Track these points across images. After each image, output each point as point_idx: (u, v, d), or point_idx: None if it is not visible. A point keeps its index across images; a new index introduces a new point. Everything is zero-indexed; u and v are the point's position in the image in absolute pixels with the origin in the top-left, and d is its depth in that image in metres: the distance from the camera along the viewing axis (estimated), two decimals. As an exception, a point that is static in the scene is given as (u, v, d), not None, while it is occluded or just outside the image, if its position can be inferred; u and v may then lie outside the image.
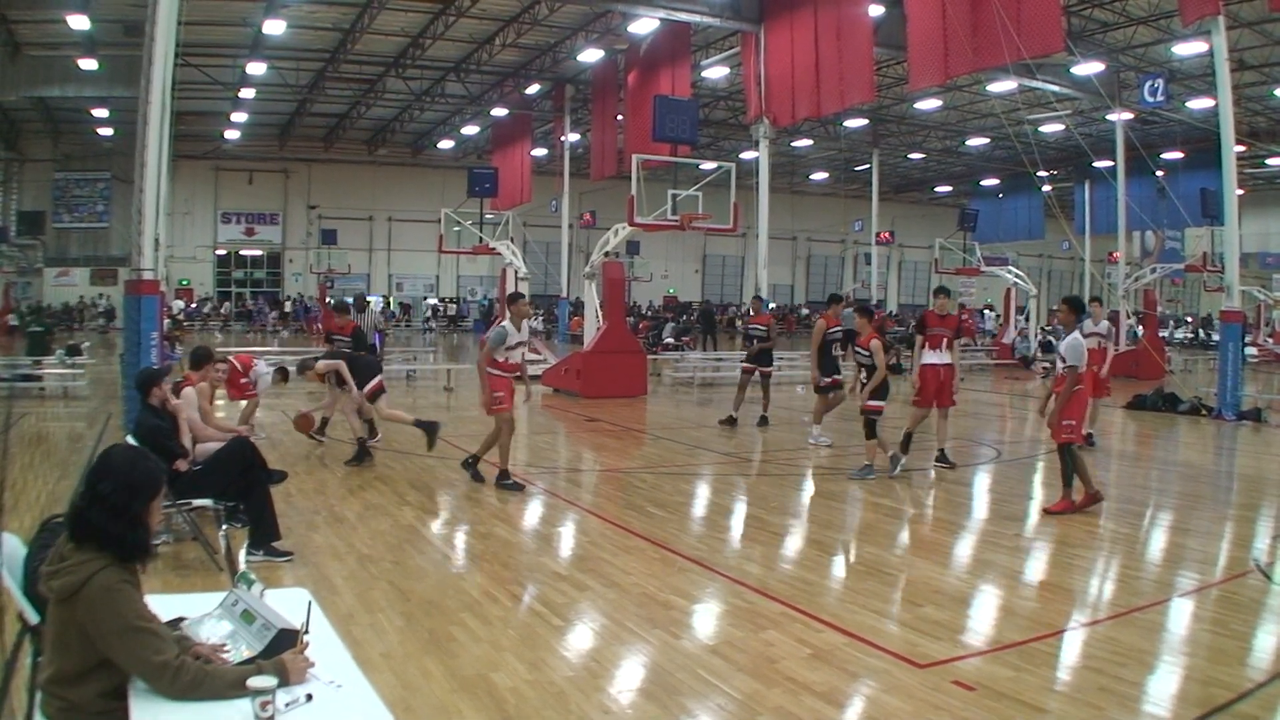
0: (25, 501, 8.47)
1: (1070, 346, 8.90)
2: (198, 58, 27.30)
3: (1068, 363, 8.88)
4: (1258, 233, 44.23)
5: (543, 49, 31.29)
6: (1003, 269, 30.75)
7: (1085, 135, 31.99)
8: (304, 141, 44.65)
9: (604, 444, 13.77)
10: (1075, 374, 8.76)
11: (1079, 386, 8.85)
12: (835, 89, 22.94)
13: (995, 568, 7.32)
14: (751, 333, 15.32)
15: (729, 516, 9.31)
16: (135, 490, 3.04)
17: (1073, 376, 8.76)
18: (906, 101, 35.37)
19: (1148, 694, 4.87)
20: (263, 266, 48.46)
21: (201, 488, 6.81)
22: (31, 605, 3.33)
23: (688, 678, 4.95)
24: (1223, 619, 6.03)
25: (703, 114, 33.61)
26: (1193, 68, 27.94)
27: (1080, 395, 8.93)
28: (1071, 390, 8.77)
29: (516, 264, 22.65)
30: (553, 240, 39.31)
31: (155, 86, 11.60)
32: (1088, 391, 9.22)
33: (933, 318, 11.37)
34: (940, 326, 11.23)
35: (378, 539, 7.63)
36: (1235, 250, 18.02)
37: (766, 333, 15.01)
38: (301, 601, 3.30)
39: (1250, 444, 14.71)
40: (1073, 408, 8.84)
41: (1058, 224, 39.35)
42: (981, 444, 13.97)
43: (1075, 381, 8.77)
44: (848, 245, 55.33)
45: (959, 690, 4.80)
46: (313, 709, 2.77)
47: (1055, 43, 17.95)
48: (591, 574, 6.84)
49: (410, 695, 4.64)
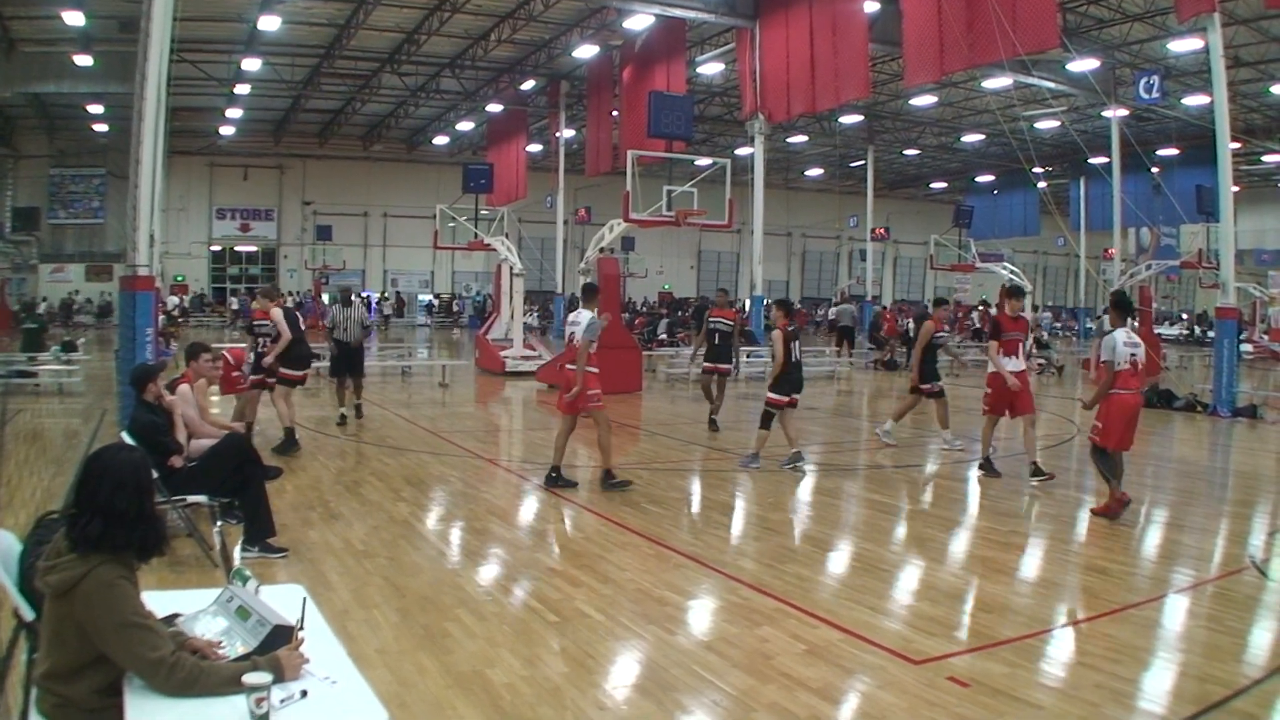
0: (20, 498, 8.46)
1: (1106, 344, 8.66)
2: (193, 53, 27.25)
3: (1102, 359, 8.71)
4: (1253, 229, 44.27)
5: (538, 45, 31.23)
6: (998, 265, 30.72)
7: (1081, 132, 32.02)
8: (299, 137, 44.57)
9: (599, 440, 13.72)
10: (1110, 370, 8.51)
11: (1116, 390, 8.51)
12: (830, 85, 22.97)
13: (990, 564, 7.33)
14: (715, 327, 14.08)
15: (724, 512, 9.31)
16: (144, 490, 3.07)
17: (1108, 376, 8.52)
18: (902, 98, 35.36)
19: (1143, 690, 4.88)
20: (258, 262, 48.35)
21: (197, 484, 6.81)
22: (27, 601, 3.32)
23: (683, 674, 4.95)
24: (1218, 615, 6.05)
25: (698, 110, 33.57)
26: (1188, 64, 27.92)
27: (1118, 400, 8.54)
28: (1106, 390, 8.53)
29: (512, 260, 22.63)
30: (548, 236, 39.24)
31: (150, 82, 11.56)
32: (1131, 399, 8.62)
33: (1006, 321, 10.62)
34: (1015, 330, 10.56)
35: (373, 535, 7.63)
36: (1230, 247, 18.05)
37: (731, 328, 14.11)
38: (296, 598, 3.30)
39: (1245, 441, 14.74)
40: (1106, 410, 8.56)
41: (1053, 220, 39.40)
42: (976, 439, 13.97)
43: (1110, 381, 8.50)
44: (843, 241, 55.33)
45: (954, 686, 4.81)
46: (308, 705, 2.77)
47: (1051, 39, 17.98)
48: (586, 570, 6.84)
49: (405, 691, 4.63)
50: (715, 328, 13.96)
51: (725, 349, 13.90)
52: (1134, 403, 8.65)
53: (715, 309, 14.71)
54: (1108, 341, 8.66)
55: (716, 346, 13.80)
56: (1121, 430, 8.57)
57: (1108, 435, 8.58)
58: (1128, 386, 8.56)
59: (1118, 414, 8.53)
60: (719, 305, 14.82)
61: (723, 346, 13.86)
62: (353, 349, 13.56)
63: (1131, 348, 8.56)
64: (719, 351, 13.79)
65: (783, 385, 10.77)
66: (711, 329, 13.95)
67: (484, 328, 25.35)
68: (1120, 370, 8.52)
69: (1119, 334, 8.68)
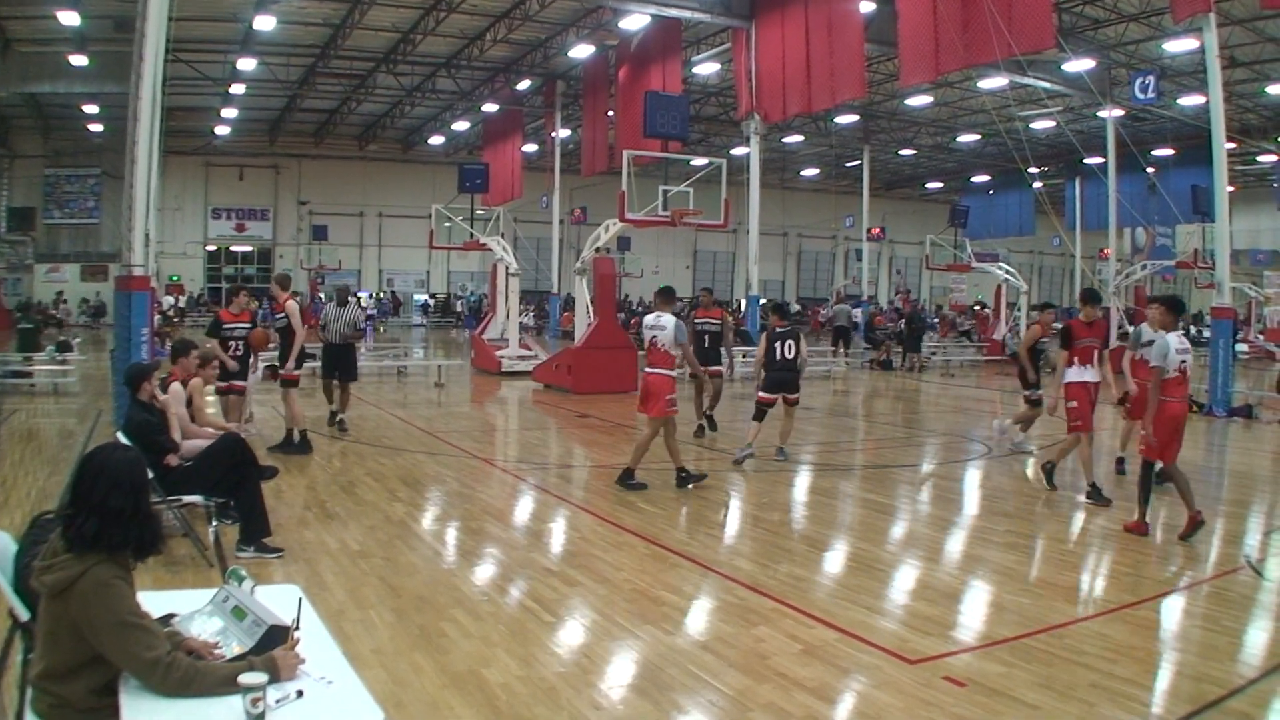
0: (16, 498, 8.45)
1: (1157, 349, 8.06)
2: (188, 53, 27.16)
3: (1151, 363, 8.15)
4: (1248, 229, 44.37)
5: (534, 45, 31.22)
6: (993, 265, 30.77)
7: (1076, 132, 32.00)
8: (294, 137, 44.49)
9: (595, 439, 13.76)
10: (1158, 377, 7.97)
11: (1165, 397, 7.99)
12: (826, 85, 22.98)
13: (986, 564, 7.34)
14: (702, 328, 13.53)
15: (720, 512, 9.29)
16: (139, 489, 3.06)
17: (1156, 382, 7.97)
18: (897, 98, 35.37)
19: (1139, 690, 4.88)
20: (253, 262, 48.27)
21: (192, 484, 6.79)
22: (22, 601, 3.31)
23: (679, 673, 4.95)
24: (1214, 615, 6.06)
25: (694, 110, 33.60)
26: (1184, 65, 27.96)
27: (1168, 410, 8.00)
28: (1156, 400, 7.97)
29: (507, 260, 22.62)
30: (544, 236, 39.21)
31: (146, 82, 11.55)
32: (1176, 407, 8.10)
33: (1080, 327, 9.78)
34: (1089, 337, 9.73)
35: (369, 535, 7.62)
36: (1226, 247, 18.09)
37: (720, 328, 13.64)
38: (292, 598, 3.29)
39: (1241, 440, 14.76)
40: (1156, 420, 7.97)
41: (1049, 220, 39.36)
42: (971, 440, 14.00)
43: (1158, 387, 7.97)
44: (839, 241, 55.30)
45: (950, 686, 4.81)
46: (304, 705, 2.77)
47: (1046, 39, 17.99)
48: (582, 570, 6.84)
49: (401, 691, 4.63)
50: (703, 328, 13.53)
51: (715, 350, 13.49)
52: (1182, 412, 8.18)
53: (700, 309, 14.26)
54: (1159, 346, 8.08)
55: (706, 349, 13.35)
56: (1170, 441, 8.06)
57: (1158, 448, 8.02)
58: (1175, 394, 8.09)
59: (1168, 424, 8.02)
60: (704, 305, 14.37)
61: (712, 348, 13.47)
62: (338, 349, 13.21)
63: (1183, 354, 8.08)
64: (708, 353, 13.35)
65: (767, 383, 11.33)
66: (700, 330, 13.48)
67: (479, 327, 25.35)
68: (1168, 378, 8.01)
69: (1171, 338, 8.14)
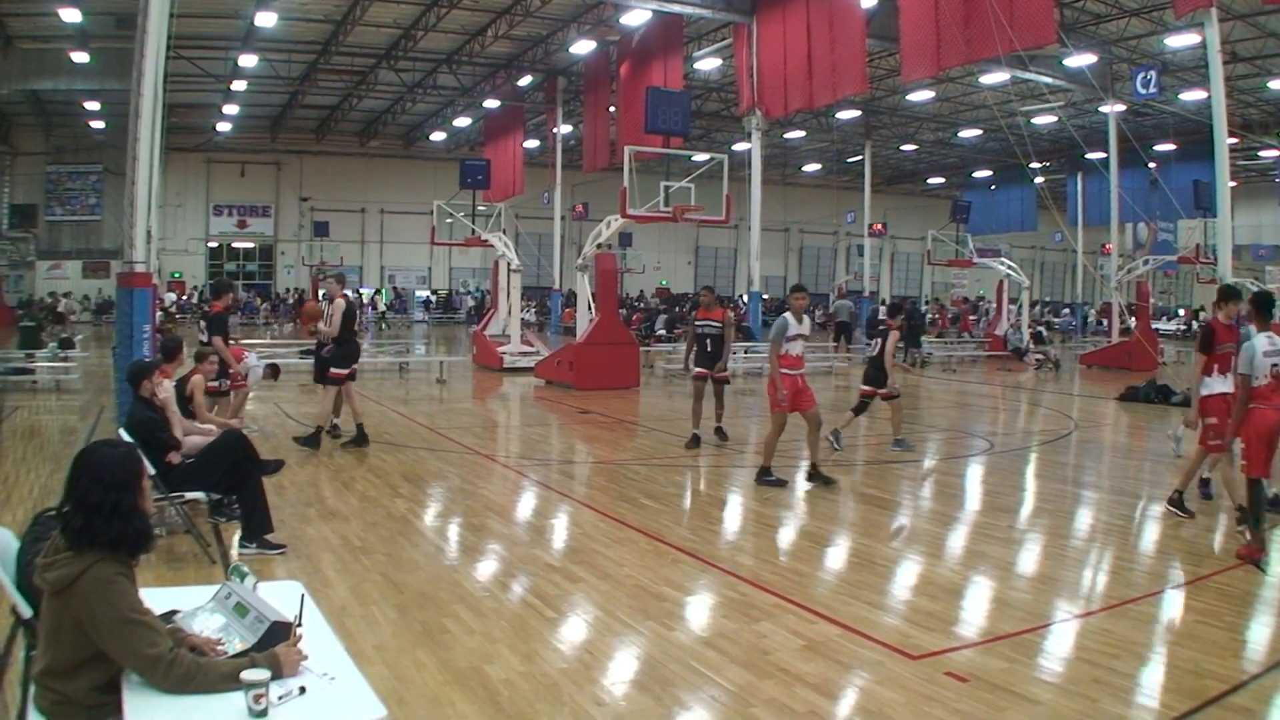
0: (18, 495, 8.47)
1: (1244, 353, 7.41)
2: (190, 50, 27.18)
3: (1239, 370, 7.48)
4: (1250, 225, 44.31)
5: (535, 41, 31.19)
6: (995, 261, 30.75)
7: (1078, 127, 32.02)
8: (296, 134, 44.49)
9: (597, 436, 13.76)
10: (1246, 385, 7.34)
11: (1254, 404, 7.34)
12: (828, 81, 22.97)
13: (988, 559, 7.33)
14: (704, 331, 12.55)
15: (722, 508, 9.31)
16: (121, 485, 3.04)
17: (1244, 390, 7.36)
18: (899, 93, 35.35)
19: (1141, 685, 4.89)
20: (255, 259, 48.31)
21: (194, 480, 6.80)
22: (25, 598, 3.32)
23: (681, 669, 4.96)
24: (1216, 610, 6.05)
25: (695, 106, 33.52)
26: (1185, 60, 27.93)
27: (1259, 418, 7.31)
28: (1244, 408, 7.35)
29: (509, 256, 22.61)
30: (545, 232, 39.20)
31: (147, 79, 11.54)
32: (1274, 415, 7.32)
33: (1221, 329, 8.47)
34: (1230, 342, 8.39)
35: (371, 531, 7.62)
36: (1228, 242, 18.05)
37: (720, 329, 12.48)
38: (294, 594, 3.30)
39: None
40: (1247, 430, 7.36)
41: (1050, 216, 39.37)
42: (974, 435, 14.00)
43: (1246, 396, 7.35)
44: (840, 237, 55.26)
45: (952, 681, 4.81)
46: (306, 701, 2.77)
47: (1048, 34, 17.98)
48: (584, 566, 6.84)
49: (403, 687, 4.64)
50: (704, 331, 12.57)
51: (716, 354, 12.48)
52: (1275, 420, 7.34)
53: (701, 310, 13.08)
54: (1246, 350, 7.42)
55: (709, 353, 12.50)
56: (1264, 453, 7.32)
57: (1253, 462, 7.33)
58: (1269, 401, 7.35)
59: (1261, 434, 7.31)
60: (705, 306, 13.02)
61: (714, 351, 12.50)
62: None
63: (1273, 357, 7.34)
64: (711, 357, 12.46)
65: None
66: (700, 333, 12.61)
67: (481, 324, 25.35)
68: (1259, 385, 7.34)
69: (1259, 341, 7.42)
